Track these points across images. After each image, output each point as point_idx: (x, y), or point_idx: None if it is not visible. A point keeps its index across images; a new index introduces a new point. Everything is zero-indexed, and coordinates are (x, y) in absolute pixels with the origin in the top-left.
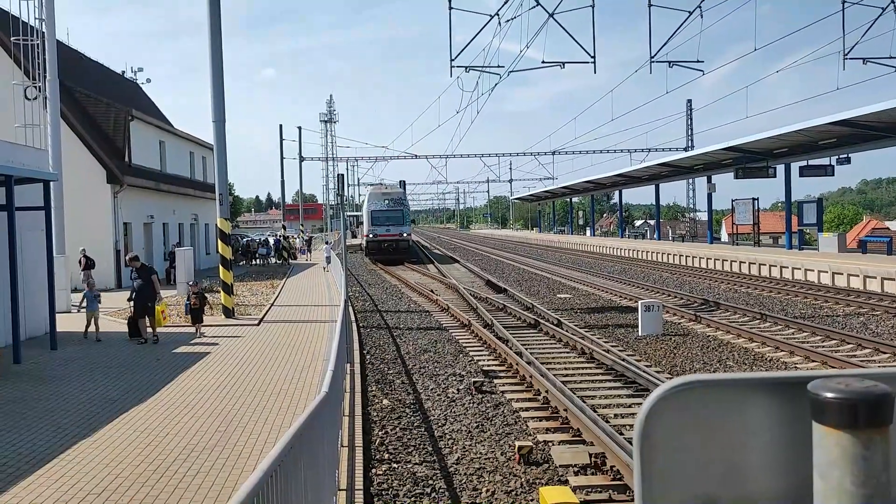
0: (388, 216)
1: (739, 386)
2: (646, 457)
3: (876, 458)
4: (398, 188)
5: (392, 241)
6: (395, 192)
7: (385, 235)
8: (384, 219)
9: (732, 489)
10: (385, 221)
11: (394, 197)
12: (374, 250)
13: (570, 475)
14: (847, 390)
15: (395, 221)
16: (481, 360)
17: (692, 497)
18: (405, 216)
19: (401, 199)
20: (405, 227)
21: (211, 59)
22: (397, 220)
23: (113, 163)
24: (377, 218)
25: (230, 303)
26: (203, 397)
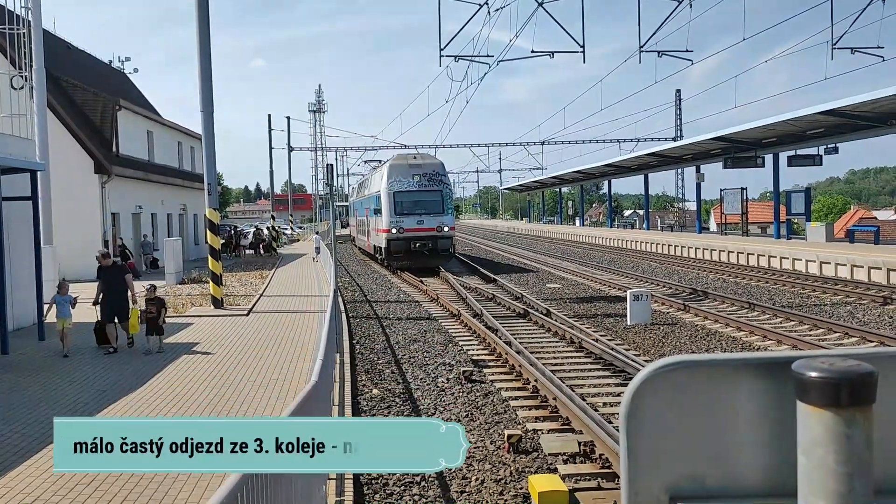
0: (422, 200)
1: (724, 366)
2: (632, 437)
3: (858, 436)
4: (434, 157)
5: (427, 239)
6: (431, 162)
7: (416, 230)
8: (414, 204)
9: (718, 468)
10: (415, 209)
11: (429, 171)
12: (400, 254)
13: (559, 463)
14: (831, 370)
15: (431, 208)
16: (471, 349)
17: (678, 476)
18: (446, 201)
19: (439, 175)
20: (447, 218)
21: (199, 49)
22: (435, 206)
23: (100, 153)
24: (403, 204)
25: (219, 293)
26: (192, 387)
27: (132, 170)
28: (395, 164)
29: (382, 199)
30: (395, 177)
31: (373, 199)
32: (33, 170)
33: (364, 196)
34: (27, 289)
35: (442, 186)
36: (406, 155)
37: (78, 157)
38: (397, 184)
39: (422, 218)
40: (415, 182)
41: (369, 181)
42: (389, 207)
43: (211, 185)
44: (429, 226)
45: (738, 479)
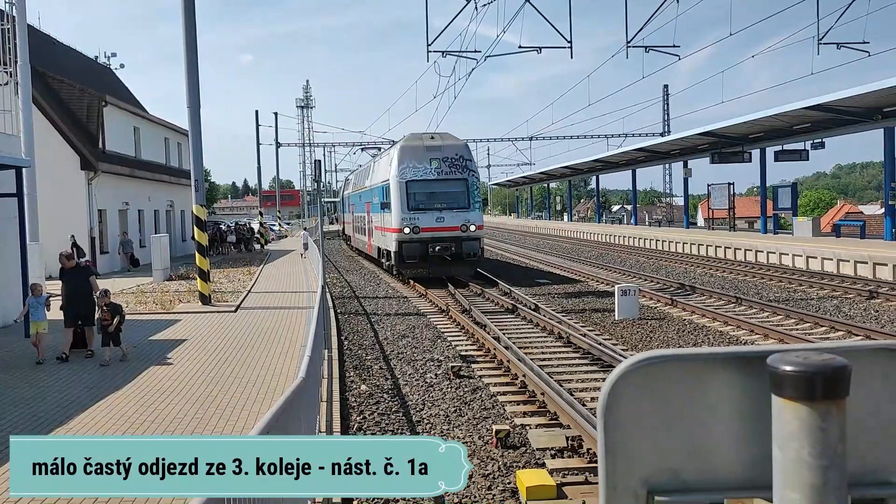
0: (442, 192)
1: (701, 361)
2: (610, 432)
3: (833, 429)
4: (455, 138)
5: (449, 240)
6: (453, 143)
7: (435, 229)
8: (432, 197)
9: (695, 462)
10: (434, 202)
11: (451, 154)
12: (414, 259)
13: (547, 458)
14: (805, 363)
15: (454, 202)
16: (459, 345)
17: (656, 470)
18: (473, 192)
19: (464, 159)
20: (473, 214)
21: (185, 45)
22: (458, 198)
23: (87, 149)
24: (419, 196)
25: (207, 290)
26: (180, 384)
27: (119, 166)
28: (407, 147)
29: (392, 190)
30: (408, 162)
31: (377, 190)
32: (19, 166)
33: (364, 188)
34: (14, 286)
35: (467, 174)
36: (421, 135)
37: (64, 153)
38: (411, 171)
39: (442, 214)
40: (433, 168)
41: (371, 169)
42: (401, 201)
43: (198, 182)
44: (451, 224)
45: (715, 473)
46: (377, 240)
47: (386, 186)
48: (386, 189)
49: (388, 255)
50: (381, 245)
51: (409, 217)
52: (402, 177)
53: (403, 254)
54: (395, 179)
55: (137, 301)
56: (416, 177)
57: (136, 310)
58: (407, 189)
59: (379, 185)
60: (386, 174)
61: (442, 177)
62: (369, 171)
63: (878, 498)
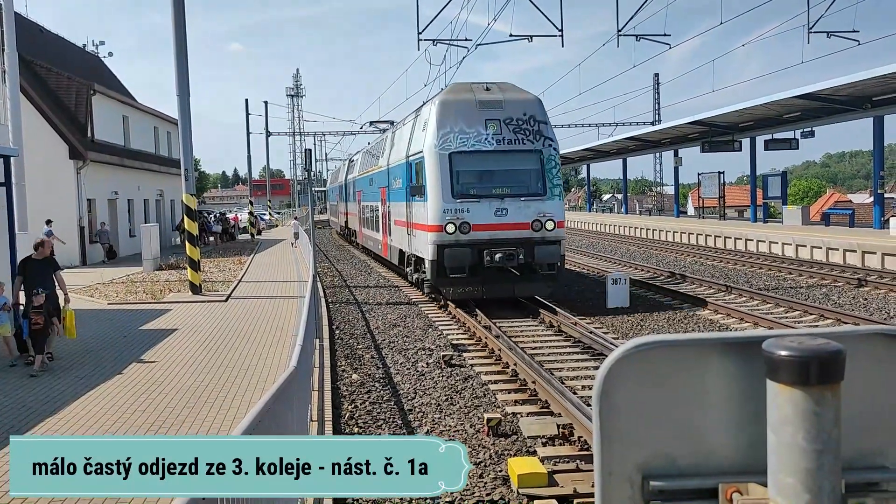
0: (503, 170)
1: (697, 346)
2: (605, 417)
3: (827, 414)
4: (520, 89)
5: (515, 244)
6: (519, 98)
7: (494, 227)
8: (488, 178)
9: (690, 447)
10: (490, 186)
11: (516, 112)
12: (460, 272)
13: (538, 446)
14: (800, 348)
15: (522, 185)
16: (451, 334)
17: (651, 455)
18: (550, 170)
19: (536, 121)
20: (551, 204)
21: (174, 33)
22: (529, 180)
23: (75, 138)
24: (468, 176)
25: (197, 279)
26: (170, 374)
27: (108, 155)
28: (451, 102)
29: (427, 168)
30: (453, 125)
31: (400, 169)
32: (6, 155)
33: (377, 169)
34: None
35: (541, 143)
36: (471, 85)
37: (53, 142)
38: (456, 138)
39: (504, 205)
40: (489, 135)
41: (390, 141)
42: (441, 184)
43: (188, 171)
44: (517, 219)
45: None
46: (400, 240)
47: (416, 163)
48: (416, 167)
49: (416, 264)
50: (405, 248)
51: (453, 209)
52: (442, 147)
53: (445, 264)
54: (432, 151)
55: (127, 291)
56: (464, 147)
57: (126, 299)
58: (451, 166)
59: (403, 162)
60: (417, 145)
61: (503, 147)
62: (386, 144)
63: (871, 482)
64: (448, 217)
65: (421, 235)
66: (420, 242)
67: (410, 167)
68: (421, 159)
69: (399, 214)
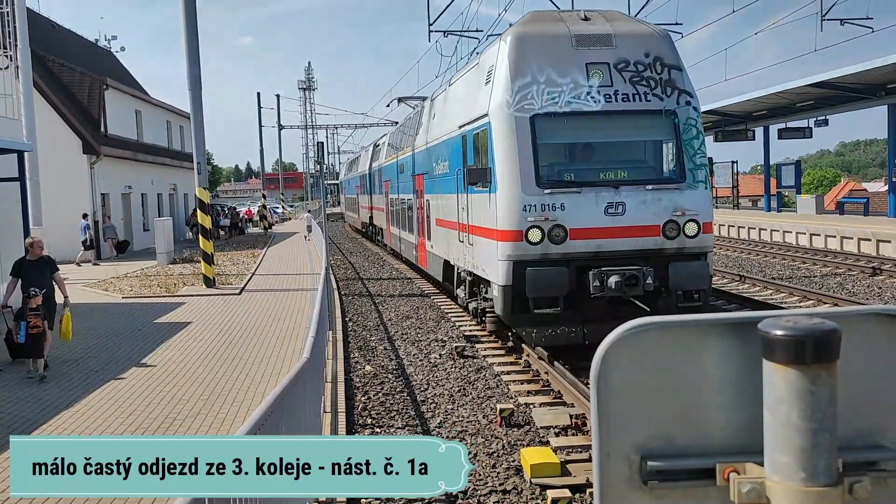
0: (615, 141)
1: (692, 327)
2: (602, 398)
3: (822, 392)
4: (637, 20)
5: (636, 259)
6: (636, 30)
7: (603, 232)
8: (588, 155)
9: (687, 427)
10: (595, 167)
11: (632, 54)
12: (553, 302)
13: (551, 436)
14: (795, 328)
15: (644, 165)
16: (463, 325)
17: (649, 436)
18: (689, 141)
19: (662, 65)
20: (692, 196)
21: (185, 27)
22: (655, 156)
23: (88, 133)
24: (560, 151)
25: (211, 272)
26: (185, 366)
27: (121, 150)
28: (531, 36)
29: (496, 140)
30: (535, 73)
31: (442, 148)
32: (20, 150)
33: (403, 154)
34: None
35: (675, 97)
36: (559, 14)
37: (66, 137)
38: (542, 93)
39: (619, 197)
40: (593, 88)
41: (427, 113)
42: (521, 165)
43: (200, 165)
44: (640, 220)
45: (707, 438)
46: (445, 247)
47: (474, 135)
48: (475, 141)
49: (474, 285)
50: (456, 259)
51: (539, 204)
52: (520, 107)
53: (527, 292)
54: (503, 114)
55: (142, 285)
56: (554, 106)
57: (140, 293)
58: (534, 136)
59: (454, 136)
60: (477, 107)
61: (616, 106)
62: (424, 116)
63: (869, 461)
64: (531, 218)
65: (485, 245)
66: (483, 255)
67: (465, 142)
68: (484, 128)
69: (444, 211)
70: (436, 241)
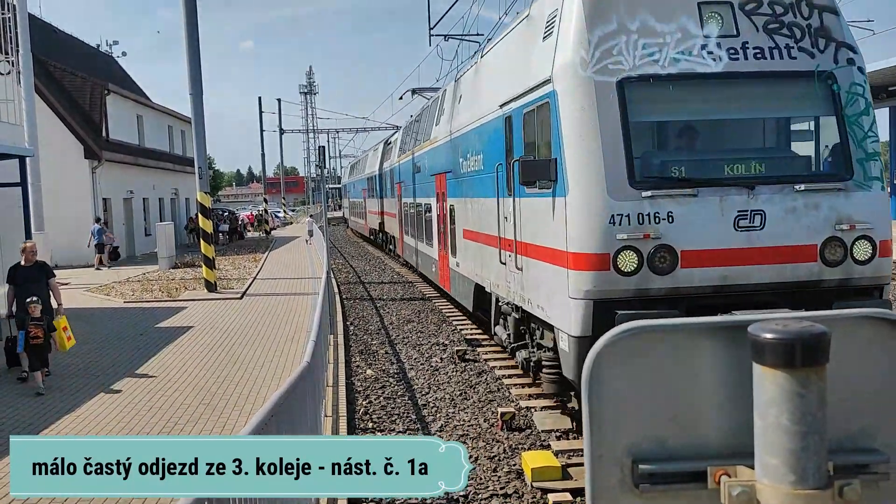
0: (744, 118)
1: (684, 330)
2: (594, 401)
3: (812, 395)
4: None
5: (784, 297)
6: None
7: (730, 257)
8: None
9: (679, 430)
10: (717, 160)
11: None
12: None
13: (552, 440)
14: (784, 331)
15: (791, 160)
16: (464, 329)
17: (640, 438)
18: (856, 116)
19: (812, 9)
20: (864, 200)
21: (186, 32)
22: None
23: (90, 138)
24: (663, 132)
25: (212, 277)
26: (186, 371)
27: (122, 154)
28: None
29: (565, 117)
30: (623, 18)
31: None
32: (22, 156)
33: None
34: None
35: (831, 52)
36: None
37: (67, 142)
38: (633, 47)
39: (756, 204)
40: (710, 38)
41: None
42: (604, 154)
43: (201, 169)
44: (788, 238)
45: (698, 441)
46: (480, 269)
47: (525, 113)
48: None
49: (519, 324)
50: (500, 290)
51: (634, 213)
52: (601, 67)
53: None
54: (573, 77)
55: (143, 289)
56: (653, 66)
57: (142, 298)
58: (623, 108)
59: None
60: (532, 71)
61: (744, 65)
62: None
63: (860, 463)
64: (623, 235)
65: (545, 273)
66: (542, 287)
67: (510, 126)
68: (545, 101)
69: (476, 220)
70: (463, 258)
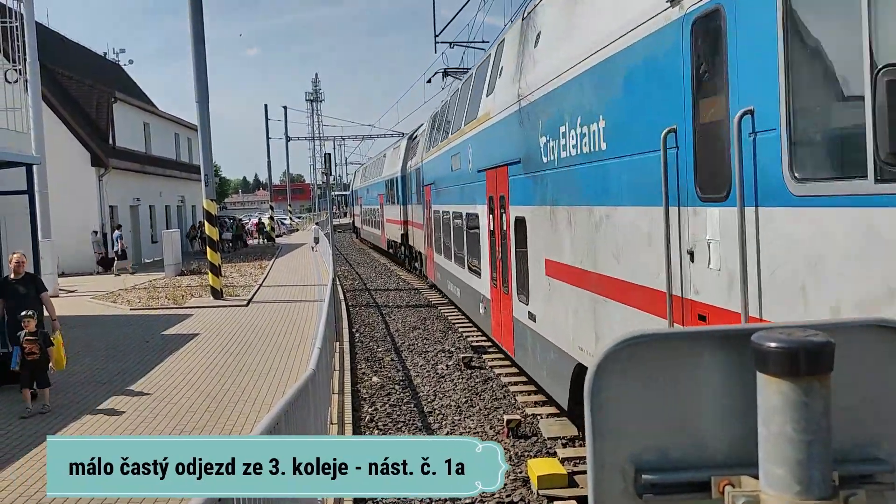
0: None
1: (685, 339)
2: (596, 412)
3: (816, 404)
4: None
5: None
6: None
7: None
8: None
9: (682, 439)
10: None
11: None
12: None
13: (558, 447)
14: (788, 340)
15: None
16: (470, 336)
17: (643, 449)
18: None
19: None
20: None
21: (193, 39)
22: None
23: (97, 145)
24: None
25: (219, 284)
26: (192, 378)
27: (129, 162)
28: None
29: None
30: None
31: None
32: (29, 163)
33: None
34: None
35: None
36: None
37: (74, 150)
38: None
39: None
40: None
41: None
42: None
43: (208, 176)
44: None
45: (702, 451)
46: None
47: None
48: None
49: None
50: None
51: None
52: None
53: None
54: None
55: (150, 296)
56: None
57: (148, 305)
58: None
59: (658, 28)
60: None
61: None
62: (503, 57)
63: (865, 474)
64: None
65: None
66: None
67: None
68: None
69: (576, 246)
70: (548, 310)
